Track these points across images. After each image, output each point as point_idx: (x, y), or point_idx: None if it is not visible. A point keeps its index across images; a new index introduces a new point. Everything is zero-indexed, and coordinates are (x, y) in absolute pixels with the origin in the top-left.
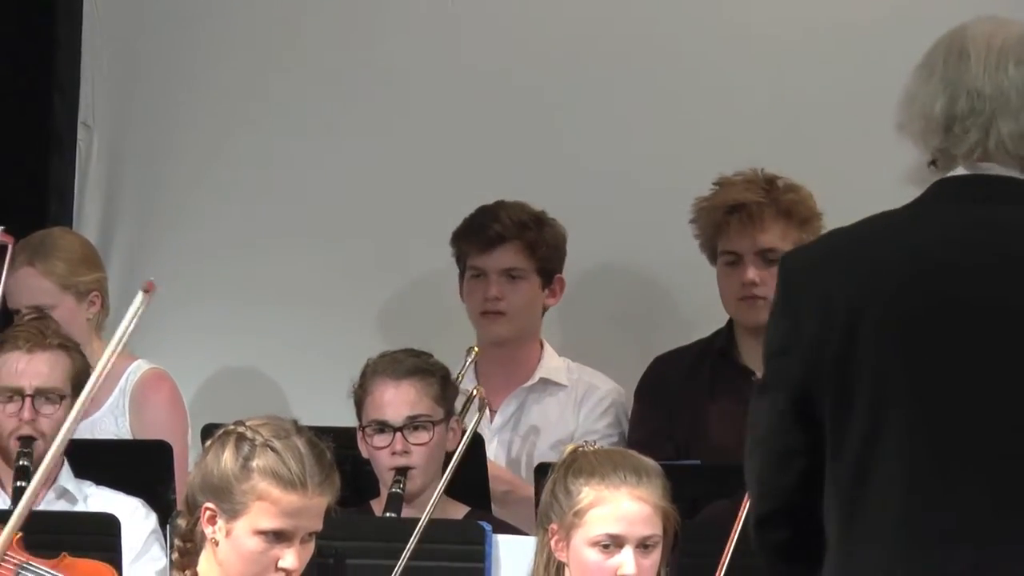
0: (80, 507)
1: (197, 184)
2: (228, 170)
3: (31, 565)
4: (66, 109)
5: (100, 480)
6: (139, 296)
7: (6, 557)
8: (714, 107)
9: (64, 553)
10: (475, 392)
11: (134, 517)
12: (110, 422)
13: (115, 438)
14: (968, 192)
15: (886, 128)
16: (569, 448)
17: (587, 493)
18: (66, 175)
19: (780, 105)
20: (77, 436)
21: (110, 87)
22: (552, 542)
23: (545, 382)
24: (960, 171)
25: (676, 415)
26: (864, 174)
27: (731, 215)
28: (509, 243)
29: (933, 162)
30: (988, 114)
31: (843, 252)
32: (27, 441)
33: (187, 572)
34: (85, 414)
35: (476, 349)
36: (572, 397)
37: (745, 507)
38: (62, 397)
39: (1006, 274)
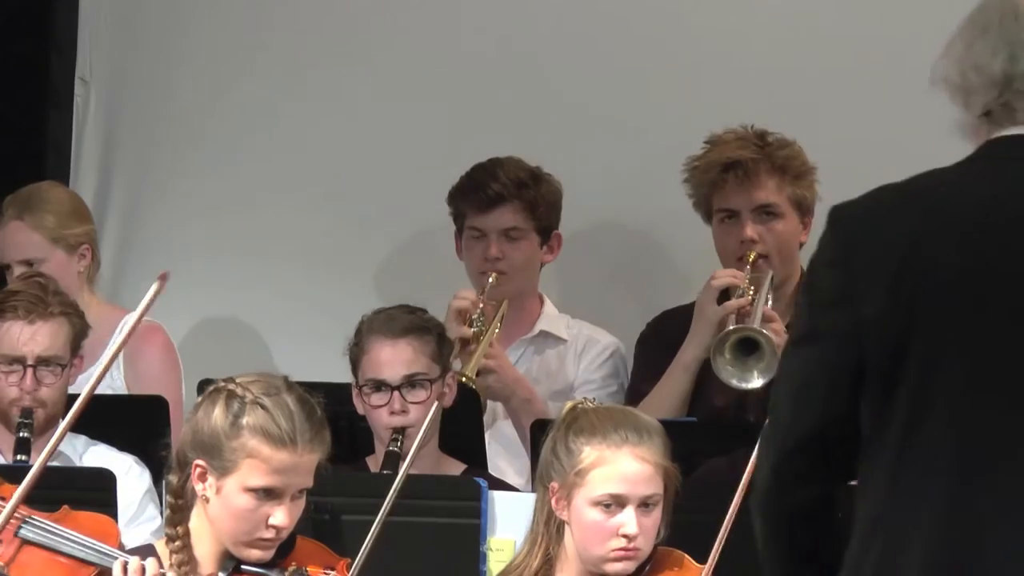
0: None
1: (194, 139)
2: (225, 126)
3: (34, 519)
4: (64, 65)
5: (96, 436)
6: (154, 285)
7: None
8: (712, 62)
9: (65, 506)
10: (503, 305)
11: (128, 476)
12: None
13: (110, 392)
14: None
15: (885, 86)
16: (568, 405)
17: (589, 453)
18: (64, 130)
19: (780, 60)
20: (73, 391)
21: (108, 43)
22: (553, 501)
23: (545, 335)
24: (1019, 129)
25: None
26: (864, 132)
27: (727, 173)
28: (508, 203)
29: (987, 113)
30: None
31: (900, 204)
32: (28, 412)
33: (179, 528)
34: (80, 368)
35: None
36: (572, 350)
37: (750, 468)
38: (62, 366)
39: None
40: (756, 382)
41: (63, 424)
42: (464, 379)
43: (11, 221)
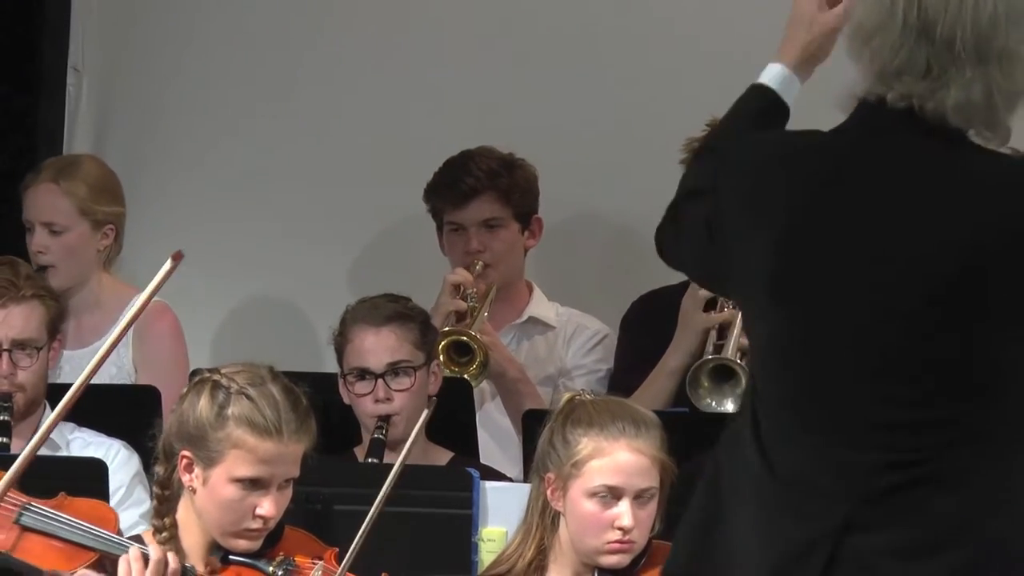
0: (63, 453)
1: (186, 128)
2: (217, 115)
3: (34, 506)
4: (56, 53)
5: (87, 425)
6: (167, 263)
7: (7, 498)
8: (698, 51)
9: (62, 493)
10: (493, 289)
11: (116, 460)
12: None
13: (115, 374)
14: (890, 122)
15: None
16: (566, 397)
17: (585, 444)
18: (56, 120)
19: (767, 52)
20: (78, 373)
21: (101, 32)
22: (548, 491)
23: (535, 321)
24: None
25: (661, 351)
26: None
27: None
28: (483, 194)
29: (873, 99)
30: (944, 78)
31: (774, 148)
32: (6, 396)
33: (166, 519)
34: (84, 343)
35: None
36: (561, 336)
37: None
38: (38, 348)
39: (913, 203)
40: (729, 407)
41: (58, 408)
42: (467, 338)
43: (45, 182)
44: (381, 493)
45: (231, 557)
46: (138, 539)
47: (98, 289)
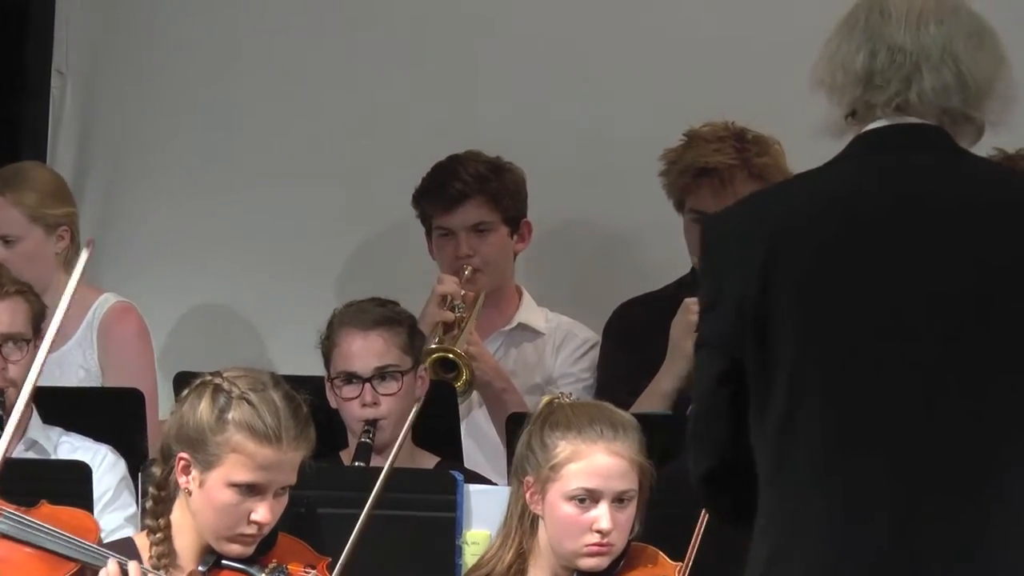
0: (50, 457)
1: (170, 132)
2: (201, 117)
3: (9, 512)
4: (40, 56)
5: (71, 428)
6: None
7: None
8: (685, 55)
9: (43, 501)
10: (481, 294)
11: (103, 465)
12: (77, 355)
13: (84, 377)
14: (885, 142)
15: None
16: (545, 400)
17: (563, 447)
18: (40, 123)
19: (752, 54)
20: (47, 378)
21: (85, 35)
22: (527, 495)
23: (524, 327)
24: (878, 124)
25: (644, 360)
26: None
27: (701, 178)
28: (472, 199)
29: (852, 114)
30: (909, 67)
31: (761, 211)
32: None
33: (160, 520)
34: (52, 348)
35: None
36: (550, 343)
37: None
38: (27, 341)
39: (920, 221)
40: None
41: (19, 402)
42: (452, 355)
43: None
44: (370, 500)
45: (223, 561)
46: (127, 542)
47: (60, 291)
